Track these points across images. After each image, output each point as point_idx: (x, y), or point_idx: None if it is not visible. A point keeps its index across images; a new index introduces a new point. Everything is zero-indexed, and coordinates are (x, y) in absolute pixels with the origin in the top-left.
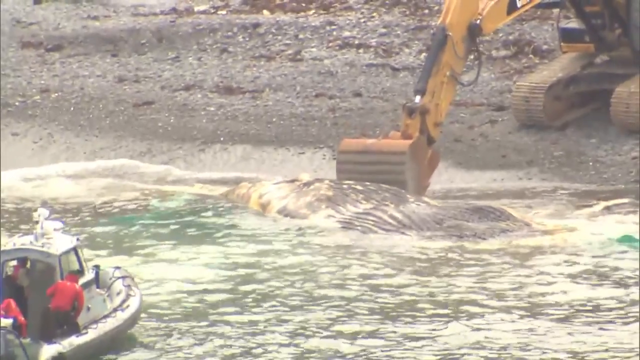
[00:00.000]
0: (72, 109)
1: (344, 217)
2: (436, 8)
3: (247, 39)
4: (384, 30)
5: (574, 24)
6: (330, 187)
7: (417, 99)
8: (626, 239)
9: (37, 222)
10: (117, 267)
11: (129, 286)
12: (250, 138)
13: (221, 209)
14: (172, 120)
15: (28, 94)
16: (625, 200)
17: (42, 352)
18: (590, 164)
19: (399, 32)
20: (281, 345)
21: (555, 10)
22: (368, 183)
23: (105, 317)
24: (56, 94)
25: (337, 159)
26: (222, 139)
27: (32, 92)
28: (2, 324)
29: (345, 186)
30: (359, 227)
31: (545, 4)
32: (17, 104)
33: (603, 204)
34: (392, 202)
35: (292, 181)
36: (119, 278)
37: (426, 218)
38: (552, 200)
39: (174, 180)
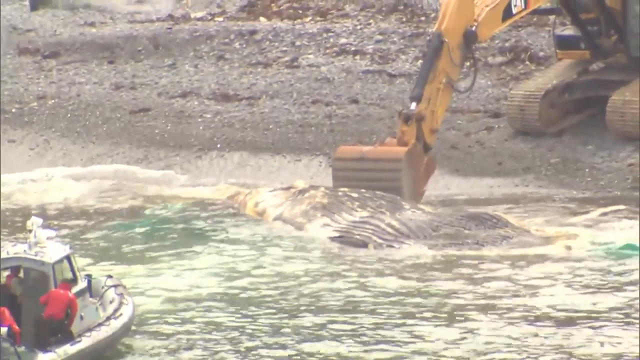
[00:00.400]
0: (68, 115)
1: (341, 226)
2: (432, 15)
3: (244, 45)
4: (380, 37)
5: (569, 31)
6: (325, 195)
7: (413, 105)
8: (627, 247)
9: (30, 231)
10: (109, 276)
11: (121, 294)
12: (247, 145)
13: (216, 216)
14: (168, 127)
15: (25, 101)
16: (622, 206)
17: None
18: (587, 170)
19: (395, 39)
20: (279, 350)
21: (552, 17)
22: (363, 190)
23: (99, 325)
24: (53, 101)
25: (333, 167)
26: (218, 145)
27: (29, 98)
28: None
29: (340, 193)
30: (357, 236)
31: (542, 10)
32: (13, 110)
33: (599, 210)
34: (388, 209)
35: (288, 188)
36: (111, 287)
37: (423, 225)
38: (548, 207)
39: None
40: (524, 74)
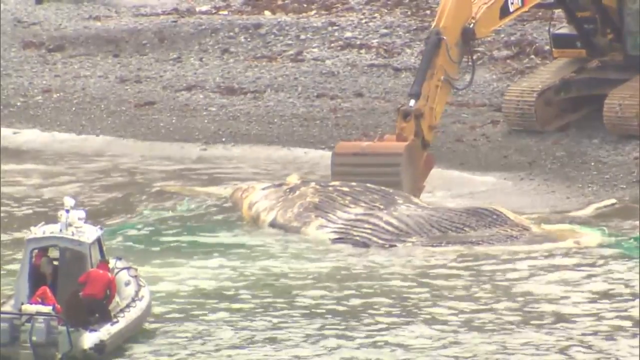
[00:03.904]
0: (73, 109)
1: (338, 226)
2: (437, 9)
3: (249, 39)
4: (385, 31)
5: (565, 29)
6: (315, 192)
7: (412, 102)
8: (625, 241)
9: (67, 211)
10: (119, 258)
11: (136, 277)
12: (252, 138)
13: (212, 220)
14: (174, 121)
15: (30, 94)
16: (613, 200)
17: (85, 340)
18: (592, 164)
19: (400, 32)
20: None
21: (557, 11)
22: (354, 183)
23: (128, 306)
24: (58, 94)
25: (332, 162)
26: (223, 139)
27: (34, 92)
28: (44, 311)
29: (330, 188)
30: (357, 237)
31: (545, 4)
32: (18, 104)
33: (594, 206)
34: (382, 204)
35: (280, 185)
36: (122, 269)
37: (421, 221)
38: (545, 202)
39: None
40: (529, 67)
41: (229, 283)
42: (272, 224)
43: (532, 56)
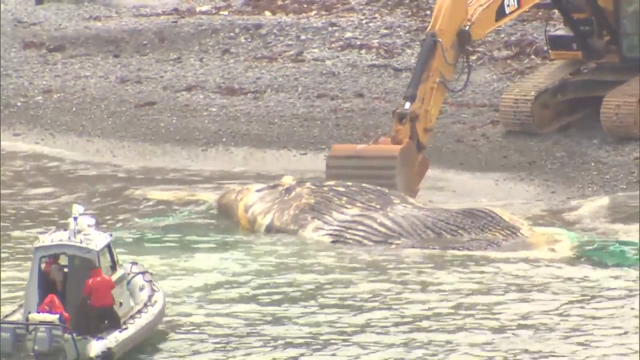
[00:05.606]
0: (74, 109)
1: (333, 228)
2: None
3: (249, 39)
4: (385, 31)
5: (562, 31)
6: (311, 193)
7: (407, 105)
8: (620, 243)
9: (75, 218)
10: (134, 263)
11: (150, 281)
12: (252, 139)
13: (210, 225)
14: (174, 121)
15: (30, 95)
16: (607, 200)
17: (92, 348)
18: (592, 164)
19: (400, 33)
20: None
21: (556, 11)
22: (349, 183)
23: (140, 312)
24: (58, 95)
25: (327, 164)
26: (224, 139)
27: (34, 92)
28: (48, 320)
29: (325, 189)
30: (350, 240)
31: (543, 5)
32: (19, 104)
33: (586, 205)
34: (378, 204)
35: (275, 187)
36: (138, 274)
37: (416, 222)
38: (545, 202)
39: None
40: (529, 67)
41: (231, 286)
42: (269, 228)
43: (532, 56)
